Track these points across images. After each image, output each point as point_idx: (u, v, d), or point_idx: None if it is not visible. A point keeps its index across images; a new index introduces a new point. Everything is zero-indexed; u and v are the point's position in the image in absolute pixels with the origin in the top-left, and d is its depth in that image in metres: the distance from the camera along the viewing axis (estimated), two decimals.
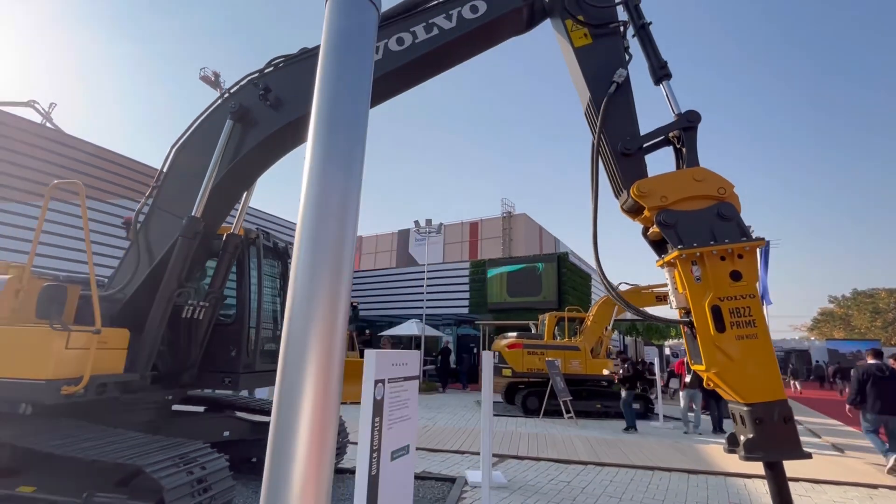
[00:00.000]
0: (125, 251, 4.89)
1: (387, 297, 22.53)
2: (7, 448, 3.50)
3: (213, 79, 37.12)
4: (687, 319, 2.79)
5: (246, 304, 5.30)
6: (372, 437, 2.08)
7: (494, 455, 7.02)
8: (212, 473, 3.45)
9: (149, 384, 4.43)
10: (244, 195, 5.47)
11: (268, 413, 5.58)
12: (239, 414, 5.75)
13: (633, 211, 3.11)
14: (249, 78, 4.86)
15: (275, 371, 3.22)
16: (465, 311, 20.56)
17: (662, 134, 3.22)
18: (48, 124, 17.19)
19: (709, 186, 2.84)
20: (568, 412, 10.37)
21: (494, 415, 11.26)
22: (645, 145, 3.24)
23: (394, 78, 4.11)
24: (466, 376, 18.20)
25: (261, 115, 4.74)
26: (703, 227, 2.75)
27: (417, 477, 5.69)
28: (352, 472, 5.82)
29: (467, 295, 20.73)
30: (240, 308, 5.33)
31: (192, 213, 4.70)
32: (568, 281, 18.63)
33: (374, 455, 2.08)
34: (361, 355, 15.53)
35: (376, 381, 2.15)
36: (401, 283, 22.41)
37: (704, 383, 2.81)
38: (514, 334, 12.93)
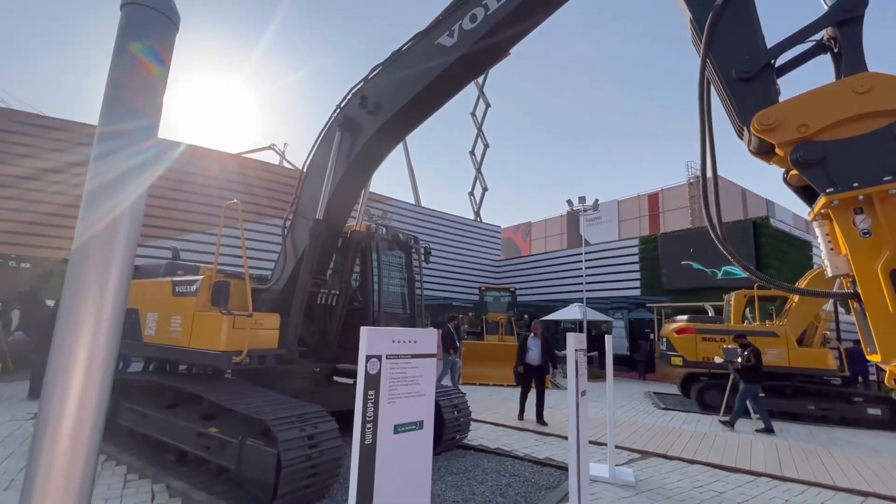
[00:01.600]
0: (279, 252, 6.11)
1: (550, 282, 22.06)
2: (202, 400, 4.82)
3: None
4: (852, 291, 2.01)
5: (370, 290, 6.02)
6: (365, 409, 2.20)
7: (637, 451, 6.30)
8: (322, 433, 4.09)
9: (297, 358, 5.46)
10: (362, 195, 6.20)
11: None
12: None
13: (763, 153, 2.32)
14: (352, 90, 5.50)
15: None
16: (637, 293, 18.62)
17: (804, 38, 2.30)
18: (284, 163, 22.49)
19: (881, 98, 1.95)
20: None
21: (664, 408, 10.02)
22: (775, 63, 2.35)
23: (481, 55, 4.28)
24: (645, 365, 16.56)
25: (363, 121, 5.30)
26: (871, 158, 1.93)
27: (537, 462, 5.56)
28: (476, 448, 6.05)
29: (638, 275, 18.72)
30: (364, 294, 6.08)
31: (316, 216, 5.60)
32: (771, 252, 15.04)
33: (369, 426, 2.20)
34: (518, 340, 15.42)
35: (369, 357, 2.26)
36: (564, 266, 21.64)
37: (886, 380, 2.06)
38: (685, 317, 11.15)
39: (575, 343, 3.91)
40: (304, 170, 5.96)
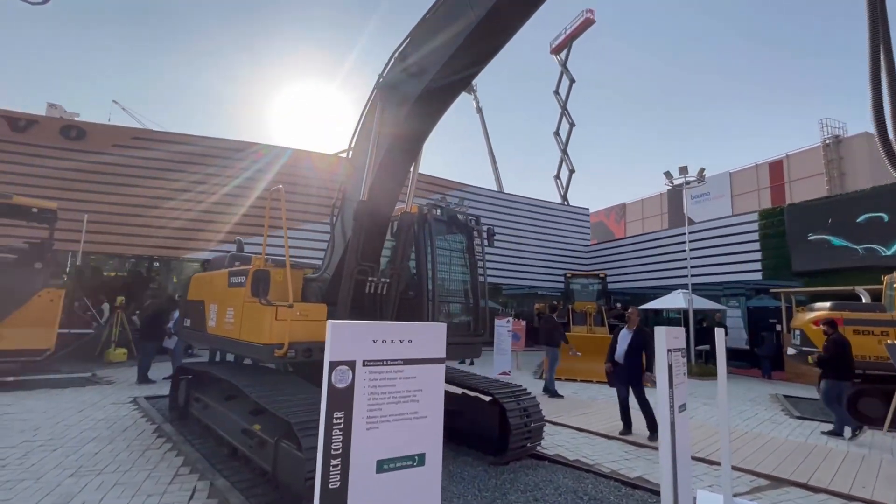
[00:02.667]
0: (328, 240, 5.77)
1: (648, 267, 19.77)
2: (243, 395, 4.61)
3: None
4: None
5: (423, 277, 5.42)
6: (328, 440, 1.55)
7: (765, 476, 4.92)
8: None
9: None
10: (411, 174, 5.58)
11: (467, 386, 5.57)
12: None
13: None
14: (392, 55, 4.92)
15: (460, 345, 4.89)
16: (758, 276, 15.80)
17: None
18: None
19: None
20: None
21: (799, 417, 8.11)
22: None
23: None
24: (770, 361, 13.97)
25: (406, 85, 4.73)
26: None
27: (626, 482, 4.53)
28: (552, 460, 5.18)
29: (758, 256, 15.86)
30: (418, 282, 5.49)
31: (360, 198, 5.12)
32: None
33: (336, 464, 1.54)
34: (611, 331, 14.05)
35: (334, 364, 1.60)
36: (665, 248, 19.22)
37: None
38: (827, 305, 8.92)
39: (668, 340, 2.88)
40: (351, 148, 5.52)
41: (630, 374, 6.45)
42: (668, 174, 14.44)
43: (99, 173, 15.69)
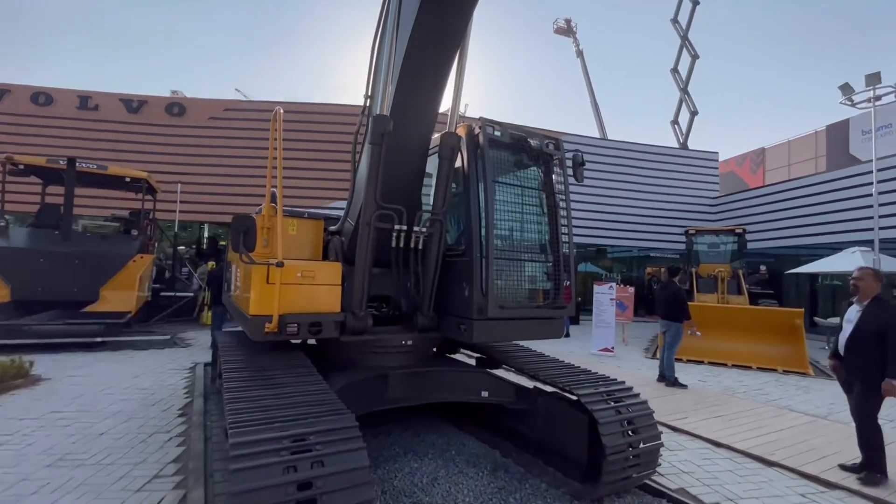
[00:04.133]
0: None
1: (801, 220, 15.47)
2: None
3: (566, 27, 36.82)
4: None
5: (474, 227, 3.81)
6: None
7: None
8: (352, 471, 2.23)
9: (370, 326, 3.74)
10: (453, 87, 3.91)
11: (542, 379, 3.96)
12: (502, 374, 4.45)
13: None
14: None
15: (533, 321, 3.77)
16: None
17: None
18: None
19: None
20: None
21: None
22: None
23: None
24: None
25: None
26: None
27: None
28: (673, 499, 3.39)
29: None
30: (467, 233, 3.90)
31: (377, 112, 3.62)
32: None
33: None
34: (753, 301, 10.96)
35: None
36: (827, 195, 14.77)
37: None
38: None
39: None
40: (372, 55, 4.03)
41: (859, 374, 3.82)
42: (846, 87, 10.48)
43: (195, 146, 16.51)
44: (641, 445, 3.34)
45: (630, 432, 3.32)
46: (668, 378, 6.96)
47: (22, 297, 8.87)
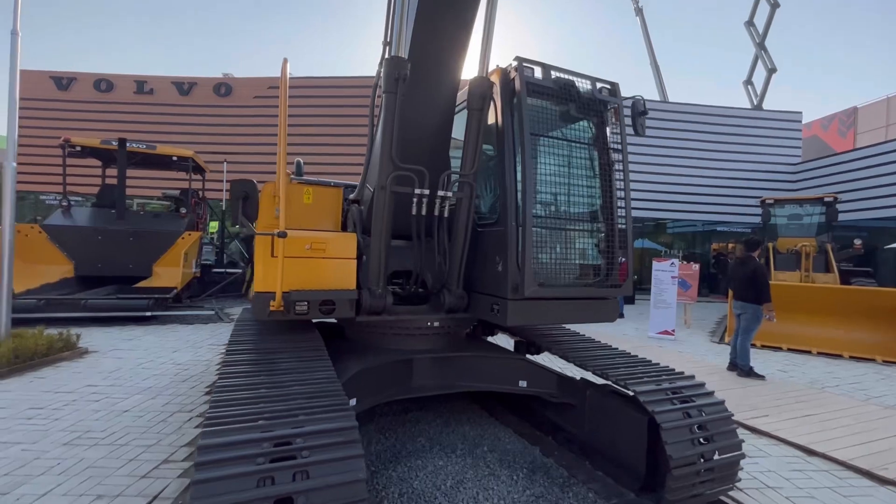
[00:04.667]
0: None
1: None
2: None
3: None
4: None
5: (509, 190, 3.22)
6: None
7: None
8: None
9: (391, 305, 3.29)
10: (484, 24, 3.25)
11: (592, 368, 3.37)
12: (545, 361, 3.88)
13: None
14: None
15: (582, 301, 3.18)
16: None
17: None
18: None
19: None
20: None
21: None
22: None
23: None
24: None
25: None
26: None
27: None
28: None
29: None
30: (501, 198, 3.31)
31: (391, 53, 3.08)
32: None
33: None
34: (844, 280, 9.54)
35: None
36: None
37: None
38: None
39: None
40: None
41: None
42: None
43: (241, 125, 16.75)
44: (716, 457, 2.69)
45: (702, 440, 2.67)
46: (741, 367, 6.07)
47: (84, 273, 9.33)
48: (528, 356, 3.98)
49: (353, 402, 2.96)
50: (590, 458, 3.36)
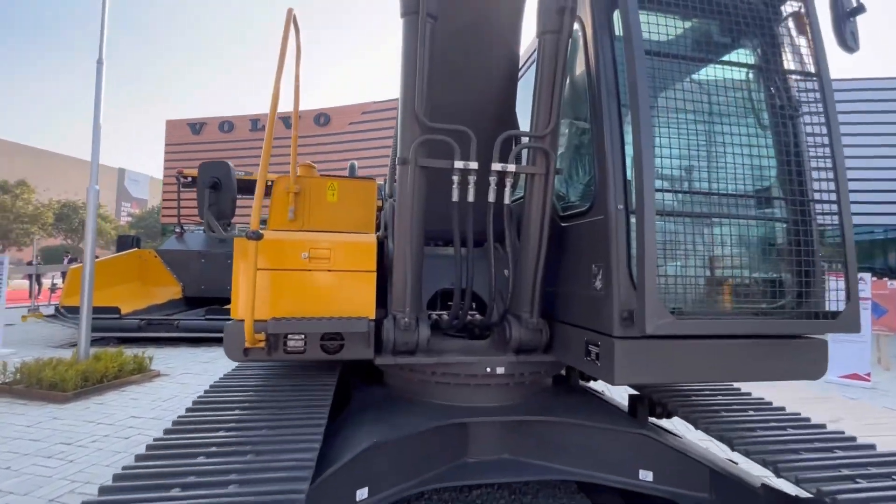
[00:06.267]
0: None
1: None
2: None
3: None
4: None
5: (610, 161, 1.93)
6: None
7: None
8: None
9: (424, 340, 2.18)
10: None
11: (753, 454, 1.89)
12: (677, 435, 2.41)
13: None
14: None
15: (729, 338, 1.79)
16: None
17: None
18: None
19: None
20: None
21: None
22: None
23: None
24: None
25: None
26: None
27: None
28: None
29: None
30: (599, 175, 2.02)
31: None
32: None
33: None
34: None
35: None
36: None
37: None
38: None
39: None
40: None
41: None
42: None
43: (339, 151, 17.36)
44: None
45: None
46: None
47: (190, 294, 9.86)
48: (652, 424, 2.54)
49: (361, 493, 1.89)
50: None
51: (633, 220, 1.87)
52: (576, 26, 2.21)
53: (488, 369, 2.34)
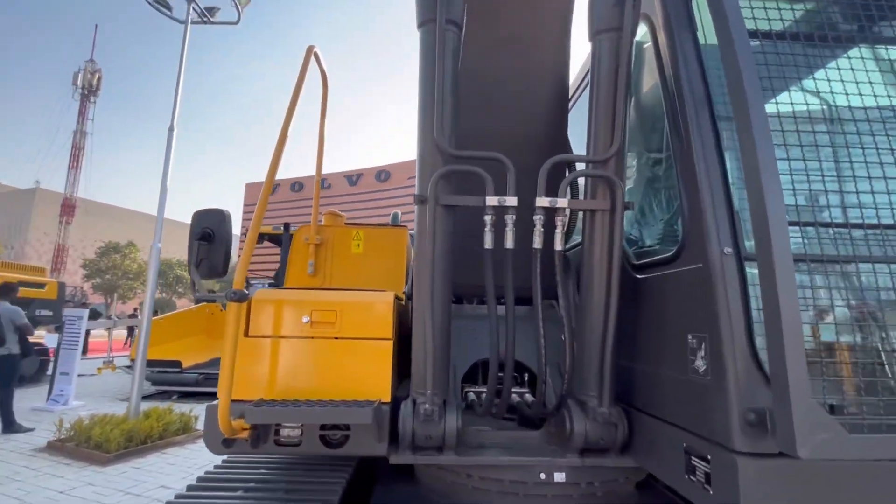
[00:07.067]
0: None
1: None
2: None
3: None
4: None
5: (704, 177, 1.37)
6: None
7: None
8: None
9: (455, 432, 1.63)
10: None
11: None
12: None
13: None
14: None
15: None
16: None
17: None
18: None
19: None
20: None
21: None
22: None
23: None
24: None
25: None
26: None
27: None
28: None
29: None
30: (690, 210, 1.45)
31: None
32: None
33: None
34: None
35: None
36: None
37: None
38: None
39: None
40: None
41: None
42: None
43: (398, 206, 17.75)
44: None
45: None
46: None
47: None
48: None
49: None
50: None
51: (747, 268, 1.27)
52: (641, 28, 1.75)
53: (543, 475, 1.71)
